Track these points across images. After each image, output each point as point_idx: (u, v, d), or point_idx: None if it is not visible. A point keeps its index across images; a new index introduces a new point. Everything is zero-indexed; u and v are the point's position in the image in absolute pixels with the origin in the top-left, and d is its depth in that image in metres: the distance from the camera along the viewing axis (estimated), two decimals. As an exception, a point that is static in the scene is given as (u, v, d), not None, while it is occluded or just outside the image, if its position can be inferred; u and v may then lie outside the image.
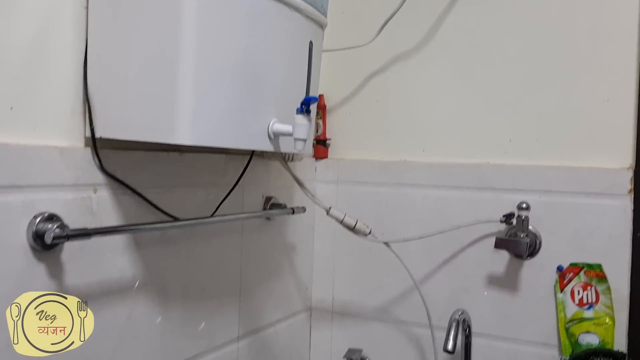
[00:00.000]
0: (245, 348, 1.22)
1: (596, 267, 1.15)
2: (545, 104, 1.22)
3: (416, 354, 1.34)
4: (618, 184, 1.15)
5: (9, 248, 0.75)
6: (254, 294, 1.24)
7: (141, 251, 0.95)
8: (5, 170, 0.74)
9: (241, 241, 1.19)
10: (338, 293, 1.43)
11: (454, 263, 1.29)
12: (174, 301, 1.02)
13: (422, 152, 1.34)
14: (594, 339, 1.13)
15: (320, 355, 1.44)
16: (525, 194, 1.21)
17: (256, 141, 0.92)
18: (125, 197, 0.92)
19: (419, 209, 1.32)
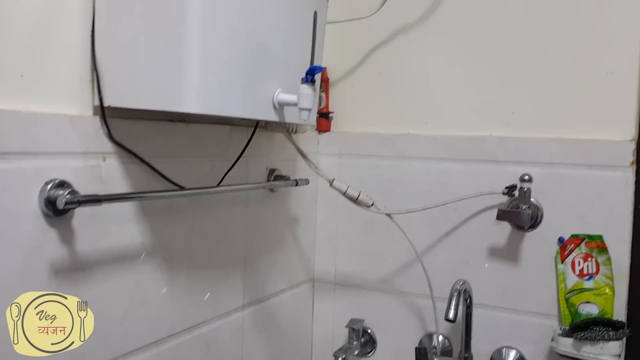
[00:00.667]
0: (249, 316, 1.24)
1: (597, 239, 1.17)
2: (549, 76, 1.22)
3: (417, 324, 1.36)
4: (620, 156, 1.16)
5: (21, 214, 0.76)
6: (258, 264, 1.26)
7: (149, 220, 0.97)
8: (17, 137, 0.75)
9: (245, 212, 1.21)
10: (340, 264, 1.45)
11: (456, 235, 1.31)
12: (181, 269, 1.04)
13: (425, 125, 1.34)
14: (594, 309, 1.15)
15: (322, 325, 1.47)
16: (527, 166, 1.22)
17: (261, 111, 0.93)
18: (133, 166, 0.93)
19: (422, 181, 1.34)
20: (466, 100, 1.30)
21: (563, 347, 1.13)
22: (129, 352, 0.94)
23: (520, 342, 1.25)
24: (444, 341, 1.33)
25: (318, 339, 1.47)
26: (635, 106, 1.15)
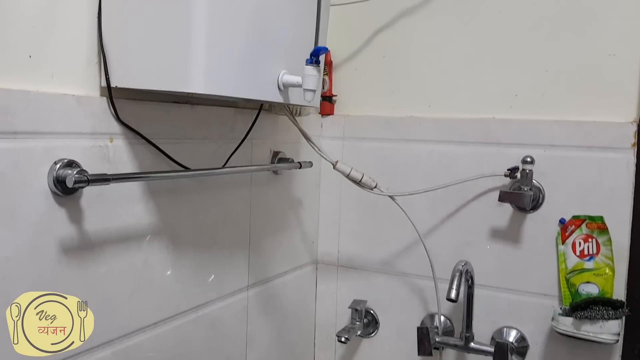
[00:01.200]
0: (254, 297, 1.26)
1: (598, 220, 1.18)
2: (551, 58, 1.23)
3: (420, 305, 1.38)
4: (622, 138, 1.17)
5: (31, 193, 0.78)
6: (262, 245, 1.27)
7: (155, 200, 0.98)
8: (27, 116, 0.76)
9: (250, 194, 1.22)
10: (343, 247, 1.46)
11: (458, 216, 1.32)
12: (187, 249, 1.06)
13: (428, 108, 1.35)
14: (594, 289, 1.17)
15: (325, 306, 1.49)
16: (530, 148, 1.23)
17: (266, 92, 0.94)
18: (140, 146, 0.94)
19: (425, 164, 1.35)
20: (469, 83, 1.31)
21: (563, 327, 1.15)
22: (136, 331, 0.96)
23: (521, 322, 1.27)
24: (445, 321, 1.34)
25: (321, 320, 1.49)
26: (636, 88, 1.16)
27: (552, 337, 1.23)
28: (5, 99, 0.74)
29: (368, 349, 1.45)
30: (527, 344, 1.26)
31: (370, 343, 1.44)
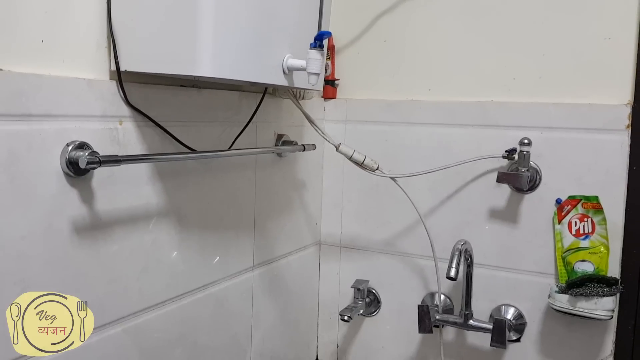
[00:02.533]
0: (259, 277, 1.29)
1: (593, 200, 1.21)
2: (548, 42, 1.25)
3: (420, 283, 1.41)
4: (617, 120, 1.19)
5: (44, 174, 0.80)
6: (267, 227, 1.31)
7: (163, 182, 1.01)
8: (40, 99, 0.79)
9: (255, 177, 1.25)
10: (346, 228, 1.50)
11: (458, 197, 1.35)
12: (193, 230, 1.09)
13: (429, 91, 1.38)
14: (589, 267, 1.20)
15: (329, 286, 1.52)
16: (527, 130, 1.26)
17: (272, 76, 0.96)
18: (148, 129, 0.96)
19: (425, 146, 1.37)
20: (468, 66, 1.33)
21: (559, 303, 1.18)
22: (146, 309, 0.99)
23: (519, 300, 1.30)
24: (445, 300, 1.38)
25: (324, 299, 1.53)
26: (631, 71, 1.18)
27: (549, 314, 1.27)
28: (20, 83, 0.76)
29: (370, 328, 1.49)
30: (524, 321, 1.30)
31: (372, 321, 1.48)
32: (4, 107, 0.75)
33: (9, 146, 0.75)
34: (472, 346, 1.36)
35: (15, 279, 0.77)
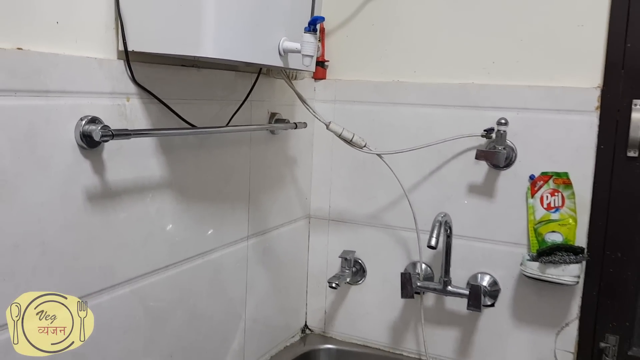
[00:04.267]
0: (253, 247, 1.37)
1: (563, 175, 1.31)
2: (525, 28, 1.33)
3: (403, 254, 1.51)
4: (587, 102, 1.28)
5: (61, 146, 0.88)
6: (260, 200, 1.39)
7: (166, 155, 1.08)
8: (56, 77, 0.86)
9: (249, 152, 1.33)
10: (334, 202, 1.58)
11: (439, 173, 1.44)
12: (194, 201, 1.16)
13: (414, 73, 1.46)
14: (558, 237, 1.30)
15: (317, 257, 1.61)
16: (504, 111, 1.34)
17: (268, 57, 1.04)
18: (152, 106, 1.04)
19: (409, 125, 1.46)
20: (451, 50, 1.41)
21: (530, 270, 1.29)
22: (151, 272, 1.08)
23: (494, 268, 1.40)
24: (426, 268, 1.48)
25: (313, 269, 1.62)
26: (601, 57, 1.27)
27: (521, 281, 1.37)
28: (39, 61, 0.83)
29: (356, 295, 1.58)
30: (498, 287, 1.40)
31: (357, 289, 1.58)
32: (25, 84, 0.82)
33: (29, 120, 0.82)
34: (450, 311, 1.46)
35: (36, 242, 0.85)
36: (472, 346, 1.45)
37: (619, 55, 1.26)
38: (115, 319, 1.00)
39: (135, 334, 1.05)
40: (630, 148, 1.26)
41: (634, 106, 1.25)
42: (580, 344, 1.35)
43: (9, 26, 0.81)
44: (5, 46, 0.80)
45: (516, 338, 1.40)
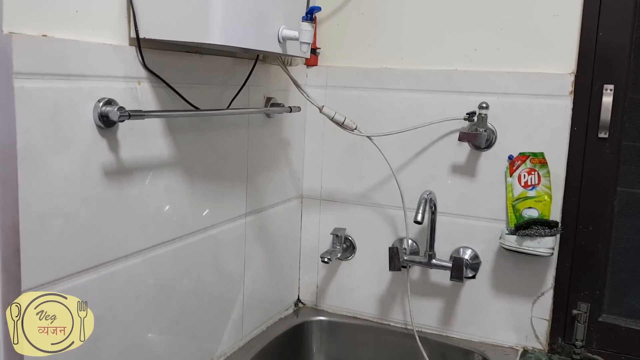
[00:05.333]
0: (250, 223, 1.46)
1: (540, 155, 1.41)
2: (505, 18, 1.43)
3: (391, 231, 1.61)
4: (562, 87, 1.39)
5: (81, 125, 0.95)
6: (257, 180, 1.47)
7: (173, 136, 1.16)
8: (77, 62, 0.93)
9: (247, 135, 1.41)
10: (326, 182, 1.67)
11: (425, 155, 1.54)
12: (198, 179, 1.24)
13: (401, 60, 1.55)
14: (535, 213, 1.40)
15: (310, 234, 1.71)
16: (485, 95, 1.44)
17: (269, 44, 1.12)
18: (161, 89, 1.11)
19: (397, 109, 1.55)
20: (436, 38, 1.51)
21: (508, 243, 1.39)
22: (160, 244, 1.16)
23: (475, 242, 1.51)
24: (412, 244, 1.58)
25: (306, 246, 1.71)
26: (575, 44, 1.38)
27: (500, 254, 1.48)
28: (62, 47, 0.91)
29: (346, 270, 1.68)
30: (479, 260, 1.51)
31: (348, 265, 1.67)
32: (50, 68, 0.89)
33: (54, 100, 0.90)
34: (435, 283, 1.56)
35: (60, 213, 0.93)
36: (455, 316, 1.56)
37: (591, 43, 1.37)
38: (129, 286, 1.08)
39: (146, 301, 1.13)
40: (601, 129, 1.37)
41: (604, 91, 1.36)
42: (554, 311, 1.46)
43: (35, 15, 0.88)
44: (32, 33, 0.87)
45: (496, 307, 1.51)
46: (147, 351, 1.15)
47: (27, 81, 0.85)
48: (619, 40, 1.35)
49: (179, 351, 1.24)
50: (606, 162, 1.38)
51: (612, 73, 1.36)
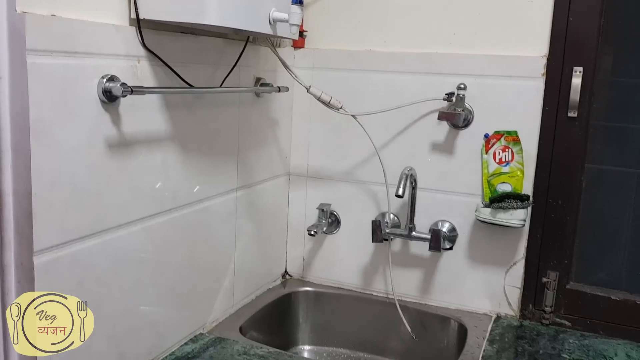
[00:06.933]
0: (241, 198, 1.54)
1: (513, 134, 1.50)
2: (483, 3, 1.51)
3: (373, 206, 1.69)
4: (535, 69, 1.48)
5: (87, 99, 1.02)
6: (247, 156, 1.55)
7: (170, 112, 1.23)
8: (83, 40, 1.00)
9: (238, 113, 1.48)
10: (312, 160, 1.75)
11: (406, 133, 1.62)
12: (192, 153, 1.32)
13: (384, 43, 1.63)
14: (508, 187, 1.50)
15: (296, 209, 1.79)
16: (464, 77, 1.53)
17: (261, 25, 1.19)
18: (158, 68, 1.18)
19: (380, 90, 1.63)
20: (417, 22, 1.59)
21: (483, 215, 1.49)
22: (158, 213, 1.23)
23: (452, 216, 1.60)
24: (393, 218, 1.67)
25: (293, 220, 1.80)
26: (547, 29, 1.46)
27: (476, 227, 1.58)
28: (70, 27, 0.97)
29: (331, 244, 1.77)
30: (456, 233, 1.60)
31: (333, 238, 1.76)
32: (59, 45, 0.95)
33: (62, 76, 0.96)
34: (415, 254, 1.66)
35: (68, 181, 1.00)
36: (433, 285, 1.66)
37: (562, 28, 1.46)
38: (130, 251, 1.16)
39: (145, 266, 1.21)
40: (570, 109, 1.46)
41: (574, 73, 1.45)
42: (525, 279, 1.56)
43: (45, -5, 0.94)
44: (43, 13, 0.93)
45: (471, 276, 1.61)
46: (146, 314, 1.22)
47: (39, 57, 0.92)
48: (588, 25, 1.44)
49: (175, 316, 1.32)
50: (575, 140, 1.48)
51: (581, 56, 1.45)
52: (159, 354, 1.28)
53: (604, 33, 1.45)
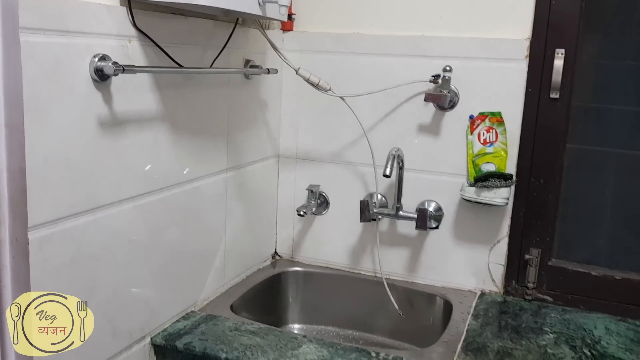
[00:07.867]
0: (231, 179, 1.56)
1: (497, 115, 1.54)
2: (468, -13, 1.54)
3: (362, 187, 1.73)
4: (518, 51, 1.51)
5: (78, 78, 1.04)
6: (237, 138, 1.57)
7: (160, 92, 1.25)
8: (75, 19, 1.01)
9: (227, 94, 1.50)
10: (301, 142, 1.78)
11: (393, 115, 1.65)
12: (183, 134, 1.34)
13: (371, 26, 1.65)
14: (492, 167, 1.54)
15: (286, 190, 1.82)
16: (450, 59, 1.56)
17: (251, 6, 1.21)
18: (149, 48, 1.20)
19: (368, 72, 1.66)
20: (404, 6, 1.61)
21: (468, 194, 1.53)
22: (149, 192, 1.25)
23: (439, 196, 1.64)
24: (381, 198, 1.70)
25: (282, 202, 1.83)
26: (531, 12, 1.50)
27: (461, 206, 1.61)
28: (62, 6, 0.98)
29: (320, 225, 1.80)
30: (442, 212, 1.64)
31: (321, 219, 1.79)
32: (52, 24, 0.97)
33: (55, 54, 0.98)
34: (402, 233, 1.70)
35: (61, 157, 1.02)
36: (420, 263, 1.70)
37: (545, 11, 1.49)
38: (122, 229, 1.18)
39: (138, 245, 1.23)
40: (552, 90, 1.50)
41: (556, 55, 1.49)
42: (509, 257, 1.61)
43: (36, -26, 0.95)
44: (35, -9, 0.95)
45: (457, 254, 1.65)
46: (138, 292, 1.25)
47: (32, 36, 0.93)
48: (570, 8, 1.47)
49: (167, 293, 1.35)
50: (557, 121, 1.52)
51: (563, 38, 1.48)
52: (151, 330, 1.31)
53: (585, 16, 1.48)
